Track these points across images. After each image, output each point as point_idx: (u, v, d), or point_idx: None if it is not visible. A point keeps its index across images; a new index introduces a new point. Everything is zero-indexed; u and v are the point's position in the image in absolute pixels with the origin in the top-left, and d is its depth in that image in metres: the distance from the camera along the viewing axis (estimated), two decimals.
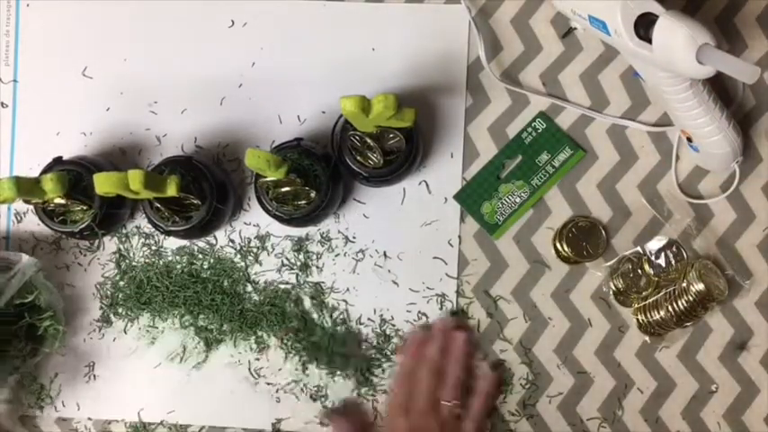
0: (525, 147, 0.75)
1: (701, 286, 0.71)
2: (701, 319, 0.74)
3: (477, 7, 0.76)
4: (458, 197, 0.75)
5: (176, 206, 0.71)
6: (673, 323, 0.72)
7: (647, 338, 0.74)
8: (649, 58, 0.63)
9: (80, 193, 0.71)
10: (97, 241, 0.76)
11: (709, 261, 0.73)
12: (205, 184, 0.71)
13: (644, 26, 0.63)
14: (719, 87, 0.71)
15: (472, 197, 0.75)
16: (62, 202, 0.70)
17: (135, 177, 0.64)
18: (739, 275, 0.74)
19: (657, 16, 0.61)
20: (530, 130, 0.75)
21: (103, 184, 0.64)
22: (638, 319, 0.74)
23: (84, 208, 0.71)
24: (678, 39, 0.59)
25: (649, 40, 0.62)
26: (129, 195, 0.66)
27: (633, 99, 0.75)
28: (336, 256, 0.76)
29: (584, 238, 0.74)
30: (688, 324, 0.73)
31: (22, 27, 0.78)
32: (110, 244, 0.77)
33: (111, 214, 0.72)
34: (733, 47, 0.75)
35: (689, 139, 0.71)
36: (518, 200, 0.75)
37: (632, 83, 0.75)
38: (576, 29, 0.73)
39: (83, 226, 0.71)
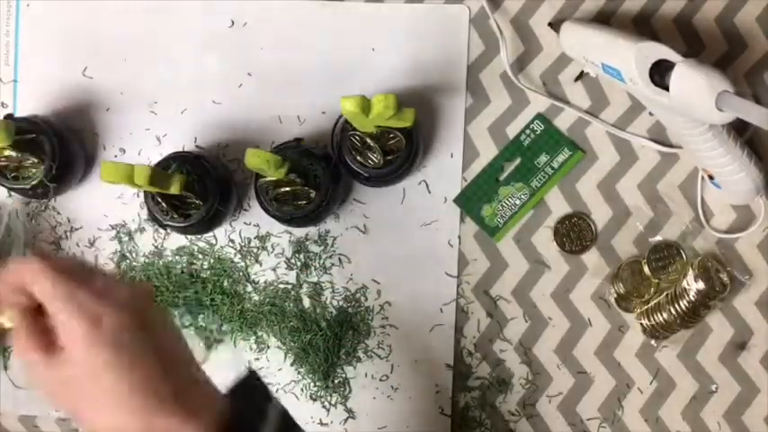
0: (524, 149, 0.75)
1: (700, 285, 0.71)
2: (704, 319, 0.74)
3: (476, 7, 0.76)
4: (458, 200, 0.75)
5: (177, 201, 0.71)
6: (676, 325, 0.72)
7: (652, 342, 0.74)
8: (667, 104, 0.63)
9: (31, 149, 0.71)
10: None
11: (708, 258, 0.73)
12: (210, 183, 0.71)
13: (660, 73, 0.62)
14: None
15: (472, 200, 0.75)
16: (12, 154, 0.70)
17: (141, 173, 0.65)
18: (739, 273, 0.74)
19: (674, 63, 0.61)
20: (528, 131, 0.75)
21: (109, 173, 0.64)
22: (641, 324, 0.74)
23: (36, 161, 0.71)
24: (696, 86, 0.59)
25: (666, 87, 0.61)
26: (132, 187, 0.66)
27: (633, 99, 0.75)
28: (330, 256, 0.76)
29: (575, 233, 0.74)
30: (692, 325, 0.73)
31: (22, 27, 0.78)
32: (110, 244, 0.77)
33: (65, 172, 0.72)
34: (733, 47, 0.75)
35: (710, 177, 0.71)
36: (518, 202, 0.75)
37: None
38: (588, 73, 0.73)
39: (35, 182, 0.71)
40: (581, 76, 0.74)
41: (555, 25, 0.74)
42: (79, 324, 0.46)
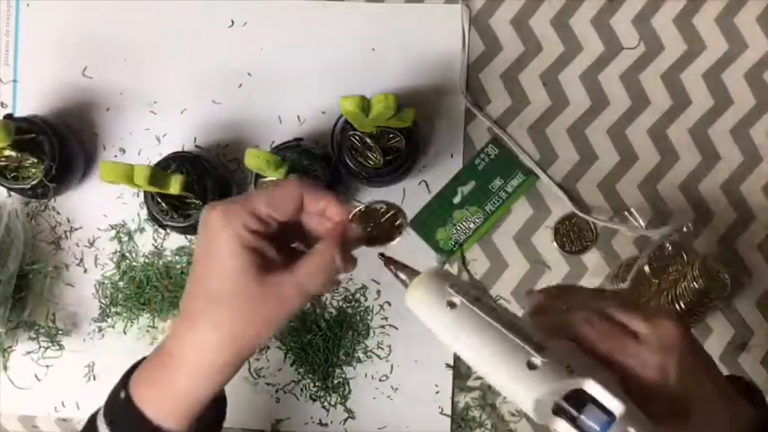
0: (478, 173, 0.75)
1: (701, 285, 0.71)
2: (704, 320, 0.74)
3: (476, 7, 0.76)
4: (412, 224, 0.75)
5: (177, 202, 0.71)
6: None
7: None
8: None
9: (31, 149, 0.71)
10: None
11: (708, 258, 0.73)
12: (209, 183, 0.71)
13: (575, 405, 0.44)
14: None
15: (427, 224, 0.75)
16: (12, 154, 0.70)
17: (140, 173, 0.64)
18: (739, 273, 0.74)
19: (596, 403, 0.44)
20: (482, 156, 0.75)
21: (108, 173, 0.64)
22: None
23: (36, 161, 0.71)
24: None
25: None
26: (132, 187, 0.66)
27: (633, 99, 0.75)
28: None
29: (575, 233, 0.74)
30: (691, 325, 0.73)
31: (22, 27, 0.78)
32: (110, 244, 0.77)
33: (65, 172, 0.72)
34: (733, 47, 0.75)
35: None
36: (472, 225, 0.75)
37: (632, 82, 0.75)
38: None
39: (35, 182, 0.70)
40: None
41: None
42: None
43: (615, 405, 0.43)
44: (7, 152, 0.70)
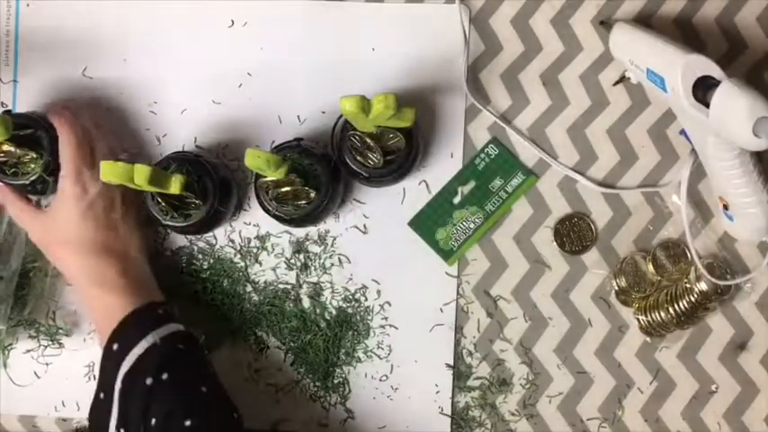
0: (478, 173, 0.75)
1: (703, 286, 0.71)
2: (701, 321, 0.74)
3: (476, 7, 0.76)
4: (412, 224, 0.75)
5: (177, 202, 0.71)
6: (673, 324, 0.72)
7: (647, 339, 0.74)
8: (704, 122, 0.62)
9: (30, 145, 0.71)
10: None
11: (714, 260, 0.73)
12: (210, 183, 0.71)
13: (703, 89, 0.62)
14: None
15: (426, 224, 0.75)
16: (11, 149, 0.70)
17: (141, 173, 0.64)
18: (739, 273, 0.74)
19: (719, 81, 0.60)
20: (482, 155, 0.75)
21: (108, 172, 0.64)
22: (638, 320, 0.74)
23: (35, 156, 0.71)
24: (737, 108, 0.58)
25: (707, 104, 0.61)
26: (132, 186, 0.66)
27: (633, 99, 0.75)
28: (330, 256, 0.76)
29: (576, 234, 0.74)
30: (688, 326, 0.73)
31: (22, 27, 0.78)
32: None
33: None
34: (733, 47, 0.75)
35: (725, 207, 0.70)
36: (472, 225, 0.75)
37: (632, 84, 0.75)
38: (629, 78, 0.72)
39: (34, 177, 0.70)
40: (621, 80, 0.74)
41: (606, 24, 0.73)
42: (73, 185, 0.68)
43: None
44: (6, 147, 0.70)
